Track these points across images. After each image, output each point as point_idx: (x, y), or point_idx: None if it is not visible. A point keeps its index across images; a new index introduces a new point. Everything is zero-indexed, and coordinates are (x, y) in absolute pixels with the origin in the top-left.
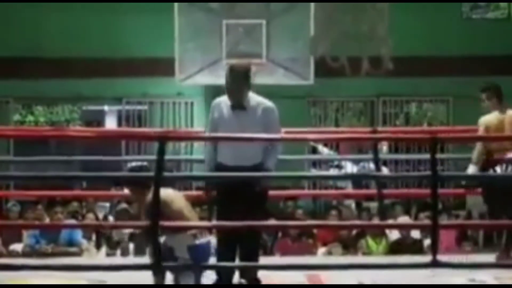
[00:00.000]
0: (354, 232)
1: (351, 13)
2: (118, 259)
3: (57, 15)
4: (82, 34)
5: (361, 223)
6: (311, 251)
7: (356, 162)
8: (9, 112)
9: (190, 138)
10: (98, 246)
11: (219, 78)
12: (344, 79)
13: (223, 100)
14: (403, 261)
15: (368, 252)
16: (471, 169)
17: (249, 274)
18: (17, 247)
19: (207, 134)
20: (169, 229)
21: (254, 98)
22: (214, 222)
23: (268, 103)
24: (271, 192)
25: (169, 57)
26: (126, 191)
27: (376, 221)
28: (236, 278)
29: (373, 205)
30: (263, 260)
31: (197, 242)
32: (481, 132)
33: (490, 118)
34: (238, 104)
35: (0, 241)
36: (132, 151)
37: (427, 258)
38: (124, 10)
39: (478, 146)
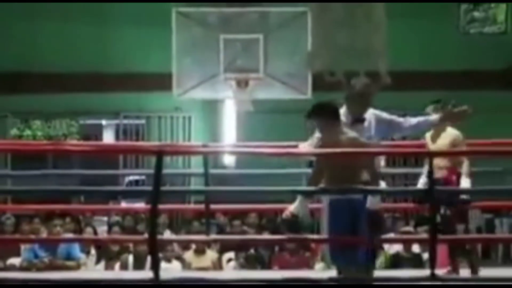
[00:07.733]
0: None
1: (348, 27)
2: (117, 273)
3: (54, 29)
4: (79, 49)
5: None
6: (309, 265)
7: None
8: (7, 127)
9: (188, 152)
10: (96, 260)
11: (217, 93)
12: (342, 93)
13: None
14: (402, 275)
15: None
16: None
17: None
18: (15, 261)
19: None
20: (166, 242)
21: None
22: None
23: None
24: (268, 206)
25: (167, 72)
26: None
27: None
28: None
29: None
30: (262, 274)
31: None
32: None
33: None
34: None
35: None
36: (130, 165)
37: (425, 272)
38: (122, 25)
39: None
